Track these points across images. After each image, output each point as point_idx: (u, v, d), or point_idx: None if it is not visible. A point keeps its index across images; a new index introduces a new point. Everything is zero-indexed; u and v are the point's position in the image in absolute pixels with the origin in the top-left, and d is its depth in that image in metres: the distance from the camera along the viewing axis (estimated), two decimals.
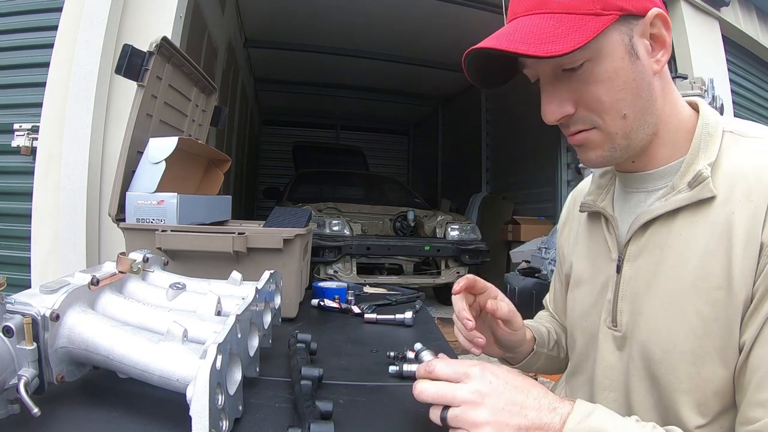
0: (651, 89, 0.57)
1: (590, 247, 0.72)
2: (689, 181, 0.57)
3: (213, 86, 1.55)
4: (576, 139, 0.60)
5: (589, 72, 0.55)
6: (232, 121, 4.95)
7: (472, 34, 5.11)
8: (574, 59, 0.54)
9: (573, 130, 0.59)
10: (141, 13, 2.07)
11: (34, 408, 0.46)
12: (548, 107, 0.59)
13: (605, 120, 0.57)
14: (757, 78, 4.36)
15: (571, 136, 0.60)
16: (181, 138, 1.12)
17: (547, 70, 0.58)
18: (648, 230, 0.61)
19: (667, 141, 0.60)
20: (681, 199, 0.57)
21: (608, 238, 0.67)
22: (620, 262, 0.64)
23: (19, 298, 0.50)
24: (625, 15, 0.54)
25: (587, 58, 0.54)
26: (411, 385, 0.68)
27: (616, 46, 0.54)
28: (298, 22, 5.09)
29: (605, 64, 0.54)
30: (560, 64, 0.56)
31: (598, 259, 0.69)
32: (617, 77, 0.55)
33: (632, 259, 0.63)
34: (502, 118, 6.30)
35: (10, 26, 2.18)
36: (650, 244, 0.61)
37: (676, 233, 0.58)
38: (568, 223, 0.83)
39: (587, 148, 0.60)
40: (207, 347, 0.46)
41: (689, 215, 0.57)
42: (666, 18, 0.56)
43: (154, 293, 0.69)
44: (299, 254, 1.06)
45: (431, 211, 4.50)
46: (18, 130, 2.08)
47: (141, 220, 1.05)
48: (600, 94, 0.55)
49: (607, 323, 0.66)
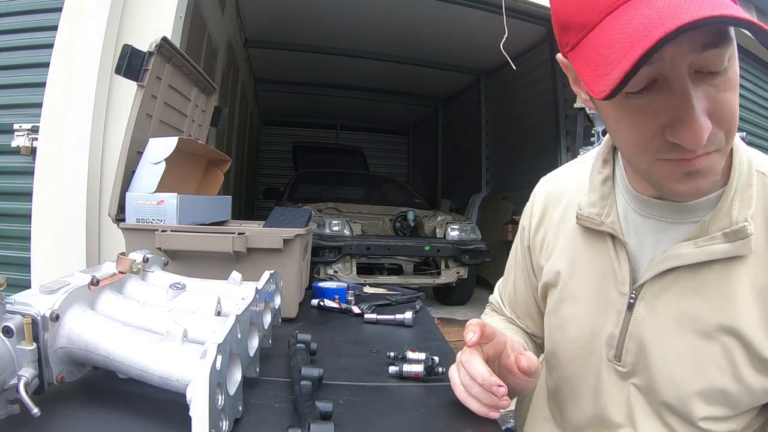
0: None
1: (590, 266, 0.64)
2: (725, 231, 0.52)
3: (213, 86, 1.55)
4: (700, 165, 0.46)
5: (725, 77, 0.43)
6: (232, 121, 4.95)
7: (472, 34, 5.10)
8: (722, 58, 0.42)
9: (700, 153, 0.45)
10: (141, 13, 2.07)
11: (34, 408, 0.46)
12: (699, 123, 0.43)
13: (728, 139, 0.46)
14: (757, 78, 4.36)
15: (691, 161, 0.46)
16: (181, 138, 1.12)
17: (684, 69, 0.42)
18: (672, 273, 0.56)
19: None
20: (717, 252, 0.52)
21: (617, 266, 0.60)
22: (633, 300, 0.59)
23: (19, 298, 0.50)
24: None
25: (730, 55, 0.42)
26: (411, 385, 0.68)
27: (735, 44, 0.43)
28: (298, 22, 5.08)
29: (736, 66, 0.44)
30: (707, 64, 0.42)
31: (601, 283, 0.62)
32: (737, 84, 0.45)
33: (649, 300, 0.57)
34: (502, 118, 6.29)
35: (10, 26, 2.18)
36: (673, 288, 0.56)
37: (704, 283, 0.54)
38: (544, 225, 0.73)
39: (703, 174, 0.47)
40: (207, 347, 0.46)
41: (722, 266, 0.53)
42: None
43: (154, 293, 0.69)
44: (299, 254, 1.06)
45: (431, 211, 4.50)
46: (18, 130, 2.07)
47: (141, 220, 1.05)
48: (734, 104, 0.45)
49: (609, 357, 0.62)
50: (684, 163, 0.46)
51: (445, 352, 0.82)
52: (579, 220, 0.65)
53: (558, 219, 0.71)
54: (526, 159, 5.58)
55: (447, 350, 0.85)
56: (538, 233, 0.75)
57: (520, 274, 0.81)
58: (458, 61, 6.10)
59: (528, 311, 0.80)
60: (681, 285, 0.55)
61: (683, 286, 0.55)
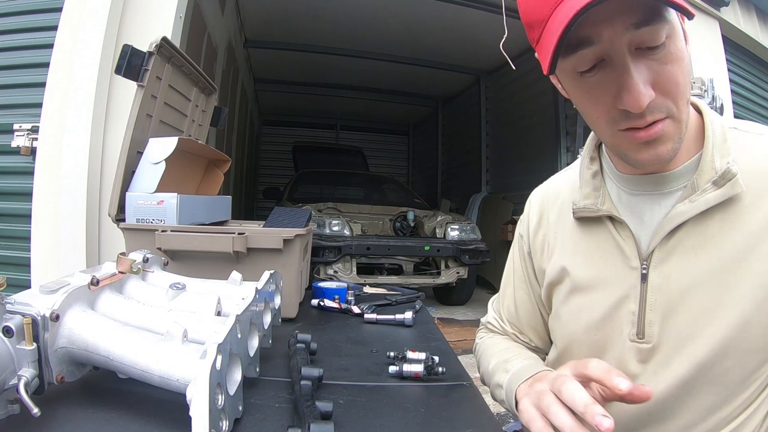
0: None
1: (594, 254, 0.65)
2: (714, 179, 0.55)
3: (213, 86, 1.55)
4: (653, 132, 0.52)
5: (666, 51, 0.49)
6: (232, 121, 4.95)
7: (472, 34, 5.12)
8: (659, 34, 0.48)
9: (649, 120, 0.51)
10: (141, 13, 2.07)
11: (34, 408, 0.46)
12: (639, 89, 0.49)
13: (678, 106, 0.52)
14: (757, 78, 4.35)
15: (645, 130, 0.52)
16: (181, 138, 1.12)
17: (623, 47, 0.49)
18: (675, 235, 0.58)
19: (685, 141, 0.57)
20: (711, 199, 0.55)
21: (623, 244, 0.62)
22: (645, 270, 0.60)
23: (19, 298, 0.50)
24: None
25: (668, 33, 0.49)
26: (411, 385, 0.68)
27: (678, 23, 0.50)
28: (298, 22, 5.09)
29: (677, 42, 0.50)
30: (644, 40, 0.48)
31: (609, 266, 0.63)
32: (684, 57, 0.51)
33: (659, 265, 0.59)
34: (502, 118, 6.30)
35: (10, 26, 2.18)
36: (680, 249, 0.57)
37: (710, 234, 0.56)
38: (542, 229, 0.75)
39: (660, 141, 0.53)
40: (207, 347, 0.46)
41: (720, 215, 0.55)
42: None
43: (154, 293, 0.69)
44: (299, 254, 1.06)
45: (431, 211, 4.50)
46: (18, 130, 2.07)
47: (141, 221, 1.05)
48: (677, 75, 0.50)
49: (630, 336, 0.61)
50: (640, 132, 0.52)
51: (445, 352, 0.82)
52: (576, 213, 0.67)
53: (555, 218, 0.73)
54: (526, 159, 5.59)
55: (447, 350, 0.85)
56: (537, 236, 0.76)
57: (521, 284, 0.80)
58: (458, 61, 6.10)
59: (530, 323, 0.80)
60: (687, 244, 0.57)
61: (689, 244, 0.57)
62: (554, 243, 0.72)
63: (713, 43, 3.49)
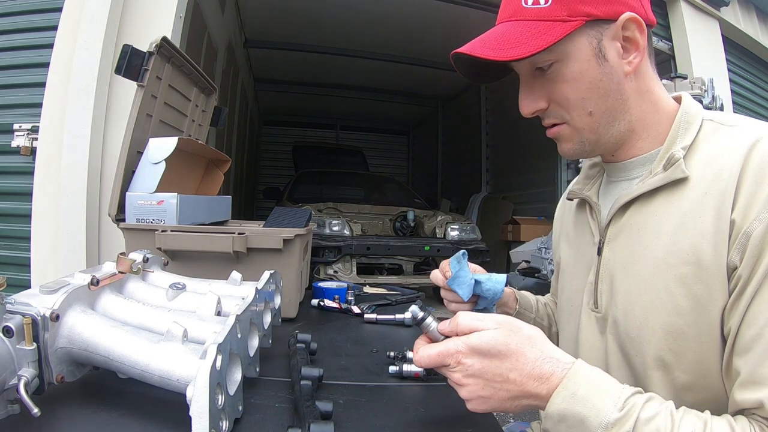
0: (621, 90, 0.60)
1: (576, 235, 0.74)
2: (663, 163, 0.59)
3: (213, 86, 1.55)
4: (551, 133, 0.66)
5: (557, 72, 0.60)
6: (232, 121, 4.95)
7: (472, 34, 5.12)
8: (543, 60, 0.59)
9: (547, 122, 0.65)
10: (141, 13, 2.07)
11: (34, 408, 0.46)
12: (523, 102, 0.64)
13: (572, 116, 0.62)
14: (756, 78, 4.36)
15: (548, 129, 0.66)
16: (181, 138, 1.12)
17: (524, 70, 0.63)
18: (626, 213, 0.63)
19: (645, 135, 0.63)
20: (656, 181, 0.59)
21: (591, 223, 0.70)
22: (601, 245, 0.66)
23: (19, 298, 0.50)
24: (593, 20, 0.57)
25: (555, 59, 0.59)
26: (411, 385, 0.68)
27: (581, 49, 0.58)
28: (298, 22, 5.09)
29: (571, 66, 0.59)
30: (533, 63, 0.60)
31: (582, 244, 0.72)
32: (582, 77, 0.59)
33: (611, 241, 0.65)
34: (502, 118, 6.30)
35: (10, 26, 2.18)
36: (627, 226, 0.63)
37: (652, 214, 0.60)
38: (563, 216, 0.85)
39: (560, 140, 0.65)
40: (207, 347, 0.46)
41: (665, 196, 0.59)
42: (640, 21, 0.58)
43: (154, 293, 0.69)
44: (299, 254, 1.06)
45: (431, 211, 4.49)
46: (18, 130, 2.08)
47: (141, 221, 1.05)
48: (567, 92, 0.60)
49: (590, 306, 0.67)
50: (547, 132, 0.66)
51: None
52: (568, 195, 0.77)
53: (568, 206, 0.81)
54: (526, 159, 5.59)
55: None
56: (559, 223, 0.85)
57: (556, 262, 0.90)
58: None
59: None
60: (633, 221, 0.62)
61: (634, 221, 0.62)
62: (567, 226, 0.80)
63: (713, 43, 3.49)
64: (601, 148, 0.64)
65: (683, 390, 0.55)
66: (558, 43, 0.56)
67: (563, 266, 0.77)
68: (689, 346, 0.54)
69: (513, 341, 0.48)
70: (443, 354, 0.49)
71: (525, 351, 0.48)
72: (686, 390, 0.55)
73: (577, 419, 0.46)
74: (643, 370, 0.58)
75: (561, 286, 0.78)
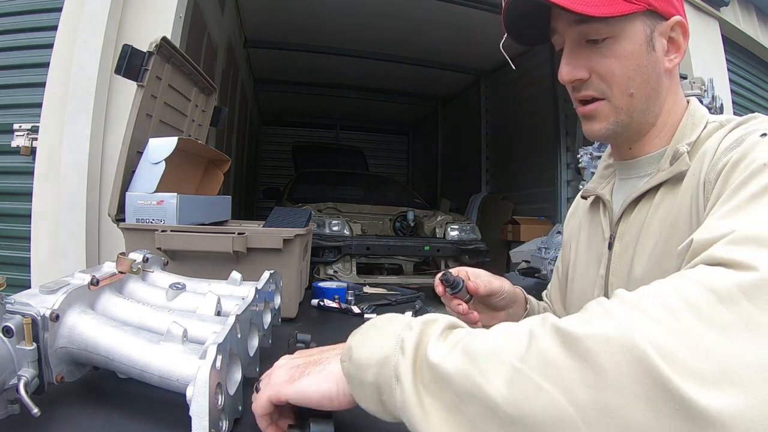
0: (659, 82, 0.62)
1: (589, 232, 0.76)
2: (670, 159, 0.62)
3: (213, 86, 1.55)
4: (587, 109, 0.65)
5: (609, 47, 0.61)
6: (231, 121, 4.95)
7: (472, 34, 5.09)
8: (599, 31, 0.60)
9: (584, 95, 0.64)
10: (141, 13, 2.07)
11: (33, 408, 0.46)
12: (566, 68, 0.64)
13: (614, 92, 0.62)
14: (756, 78, 4.36)
15: (583, 106, 0.65)
16: (180, 138, 1.12)
17: (574, 37, 0.63)
18: (636, 208, 0.66)
19: (662, 132, 0.66)
20: (662, 175, 0.62)
21: (603, 220, 0.72)
22: (612, 240, 0.69)
23: (19, 298, 0.50)
24: (652, 11, 0.60)
25: (610, 34, 0.60)
26: None
27: (637, 32, 0.60)
28: (298, 22, 5.08)
29: (624, 44, 0.60)
30: (586, 33, 0.61)
31: (594, 240, 0.74)
32: (632, 58, 0.60)
33: (622, 236, 0.67)
34: (502, 118, 6.30)
35: (10, 26, 2.18)
36: (637, 221, 0.65)
37: (656, 206, 0.62)
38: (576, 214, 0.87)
39: (594, 119, 0.65)
40: (207, 347, 0.46)
41: (669, 190, 0.61)
42: (686, 27, 0.62)
43: (153, 293, 0.69)
44: (299, 254, 1.06)
45: (431, 211, 4.49)
46: (18, 130, 2.07)
47: (141, 221, 1.05)
48: (614, 68, 0.61)
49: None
50: (579, 109, 0.66)
51: None
52: (582, 193, 0.79)
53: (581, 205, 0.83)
54: (526, 159, 5.58)
55: None
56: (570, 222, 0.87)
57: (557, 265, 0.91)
58: (458, 61, 6.09)
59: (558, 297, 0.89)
60: (641, 215, 0.64)
61: (642, 216, 0.64)
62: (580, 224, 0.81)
63: (713, 43, 3.49)
64: (627, 133, 0.65)
65: None
66: (619, 19, 0.58)
67: (575, 264, 0.79)
68: None
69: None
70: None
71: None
72: None
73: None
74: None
75: (572, 280, 0.80)
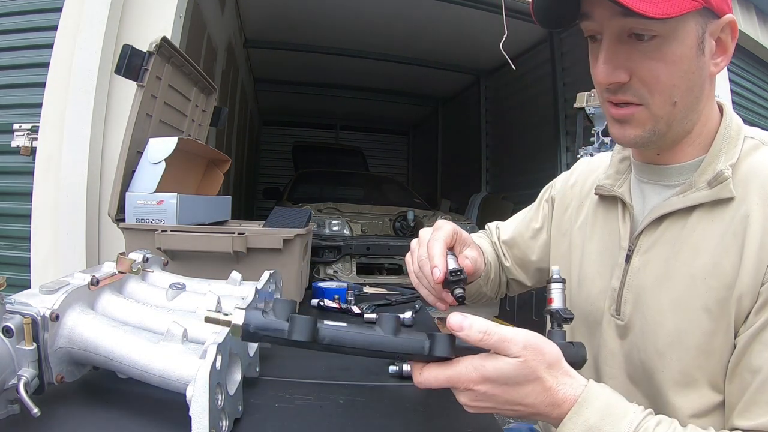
0: (702, 88, 0.57)
1: (603, 232, 0.71)
2: (709, 179, 0.57)
3: (213, 86, 1.55)
4: (621, 113, 0.58)
5: (656, 48, 0.53)
6: (232, 121, 4.95)
7: (472, 34, 5.09)
8: (648, 28, 0.52)
9: (621, 99, 0.57)
10: (141, 13, 2.06)
11: (33, 408, 0.46)
12: (603, 68, 0.56)
13: (655, 100, 0.55)
14: (757, 78, 4.35)
15: (616, 108, 0.58)
16: (180, 138, 1.12)
17: (615, 29, 0.55)
18: (662, 224, 0.61)
19: (697, 141, 0.60)
20: (699, 197, 0.57)
21: (621, 226, 0.66)
22: (630, 252, 0.63)
23: (19, 298, 0.50)
24: (707, 9, 0.53)
25: (660, 33, 0.53)
26: (411, 385, 0.68)
27: (689, 33, 0.53)
28: (298, 22, 5.08)
29: (674, 46, 0.53)
30: (631, 27, 0.53)
31: (609, 245, 0.69)
32: (681, 63, 0.54)
33: (643, 251, 0.62)
34: (502, 118, 6.29)
35: (10, 26, 2.18)
36: (663, 239, 0.60)
37: (690, 230, 0.57)
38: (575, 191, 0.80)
39: (628, 124, 0.58)
40: (207, 347, 0.46)
41: (705, 213, 0.57)
42: (736, 28, 0.56)
43: (153, 293, 0.69)
44: (299, 254, 1.06)
45: (431, 211, 4.49)
46: (18, 130, 2.07)
47: (141, 221, 1.05)
48: (660, 73, 0.54)
49: (611, 311, 0.65)
50: (613, 109, 0.58)
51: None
52: (596, 189, 0.72)
53: (586, 191, 0.77)
54: (526, 159, 5.58)
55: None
56: (566, 195, 0.81)
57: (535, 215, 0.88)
58: (458, 61, 6.09)
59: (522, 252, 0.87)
60: (669, 234, 0.60)
61: (670, 235, 0.60)
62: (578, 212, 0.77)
63: None
64: (662, 142, 0.59)
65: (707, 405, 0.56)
66: (675, 18, 0.50)
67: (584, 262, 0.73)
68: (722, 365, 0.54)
69: (533, 371, 0.45)
70: (453, 380, 0.45)
71: (543, 378, 0.45)
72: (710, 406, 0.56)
73: None
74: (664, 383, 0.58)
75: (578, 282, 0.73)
